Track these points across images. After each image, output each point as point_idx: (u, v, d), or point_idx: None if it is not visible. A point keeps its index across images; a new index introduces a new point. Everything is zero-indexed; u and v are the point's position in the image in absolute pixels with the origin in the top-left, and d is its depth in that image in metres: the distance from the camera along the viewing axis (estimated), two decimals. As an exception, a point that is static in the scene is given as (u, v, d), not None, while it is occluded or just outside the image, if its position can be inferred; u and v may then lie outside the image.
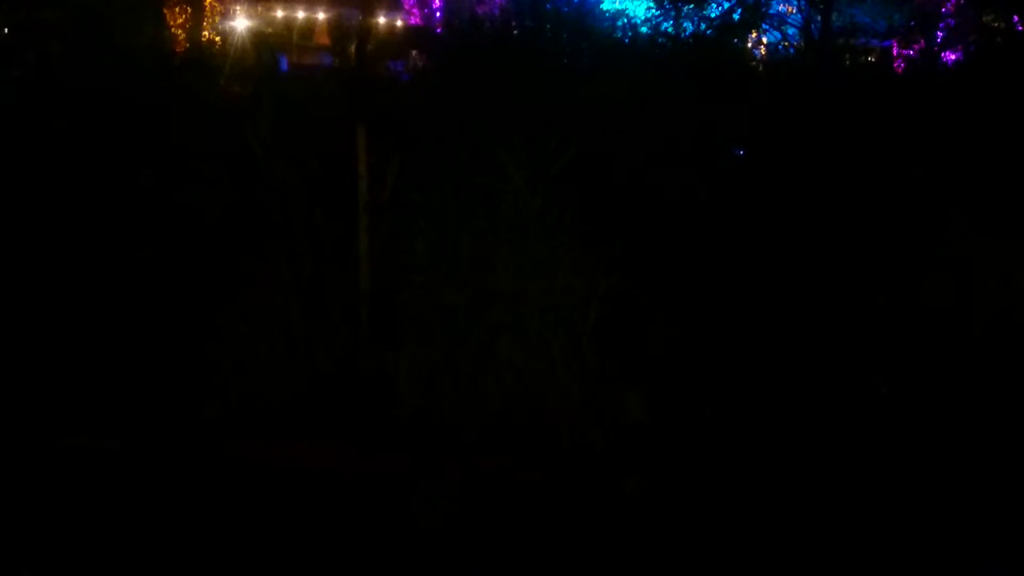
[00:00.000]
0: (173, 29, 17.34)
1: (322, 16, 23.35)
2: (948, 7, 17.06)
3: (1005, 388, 7.32)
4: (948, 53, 16.61)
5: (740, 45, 15.60)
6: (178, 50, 16.53)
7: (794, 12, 17.26)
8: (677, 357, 7.50)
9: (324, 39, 22.41)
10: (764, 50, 17.47)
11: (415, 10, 22.13)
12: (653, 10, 15.34)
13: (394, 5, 22.48)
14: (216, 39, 18.86)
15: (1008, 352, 7.66)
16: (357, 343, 7.30)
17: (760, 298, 8.36)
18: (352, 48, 17.09)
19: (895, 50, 16.91)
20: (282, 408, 7.01)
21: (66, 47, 12.48)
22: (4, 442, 6.66)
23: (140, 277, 8.43)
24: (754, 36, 16.94)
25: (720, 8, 15.27)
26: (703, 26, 14.90)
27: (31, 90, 11.62)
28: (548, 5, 13.86)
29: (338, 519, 5.86)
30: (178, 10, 17.57)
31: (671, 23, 15.07)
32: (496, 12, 15.33)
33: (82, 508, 5.91)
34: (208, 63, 14.85)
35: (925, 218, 8.51)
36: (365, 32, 17.17)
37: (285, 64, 19.24)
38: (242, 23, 20.80)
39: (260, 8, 22.89)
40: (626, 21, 15.22)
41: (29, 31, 13.55)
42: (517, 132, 7.21)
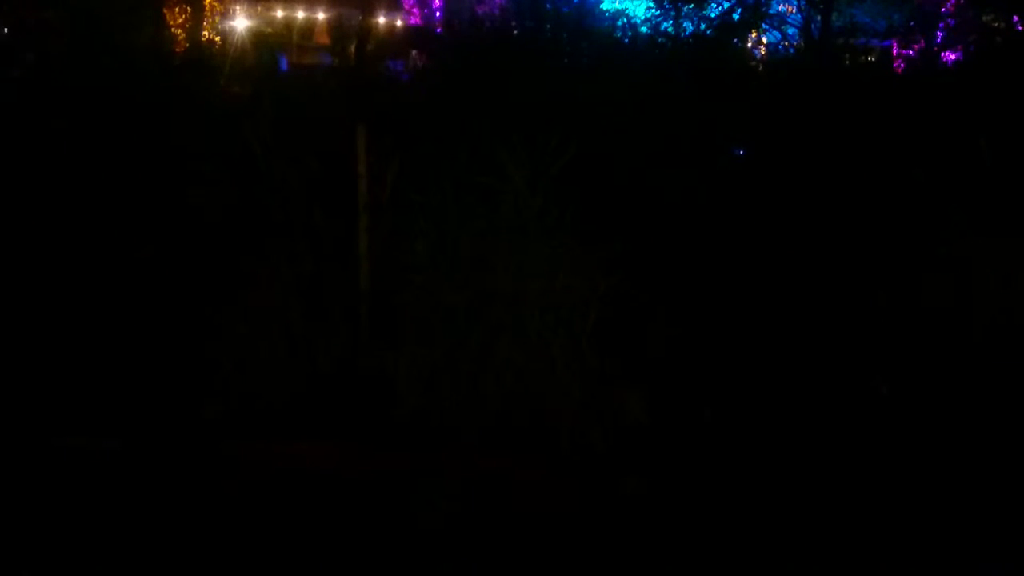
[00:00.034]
0: (173, 29, 17.34)
1: (322, 16, 23.32)
2: (948, 7, 17.07)
3: (1005, 388, 7.32)
4: (948, 53, 16.62)
5: (740, 45, 15.61)
6: (178, 50, 16.53)
7: (794, 12, 17.28)
8: (677, 357, 7.50)
9: (324, 39, 22.38)
10: (764, 50, 17.48)
11: (415, 10, 22.14)
12: (653, 10, 15.35)
13: (394, 5, 22.48)
14: (216, 39, 18.85)
15: (1008, 352, 7.65)
16: (357, 343, 7.30)
17: (760, 298, 8.36)
18: (352, 48, 17.07)
19: (895, 50, 16.92)
20: (282, 408, 7.01)
21: (66, 47, 12.47)
22: (4, 442, 6.66)
23: (140, 277, 8.44)
24: (754, 36, 16.95)
25: (720, 8, 15.28)
26: (703, 26, 14.90)
27: (31, 90, 11.60)
28: (548, 5, 13.86)
29: (338, 519, 5.85)
30: (178, 10, 17.57)
31: (671, 23, 15.08)
32: (496, 12, 15.34)
33: (82, 508, 5.91)
34: (208, 63, 14.82)
35: (925, 218, 8.50)
36: (365, 32, 17.16)
37: (285, 64, 19.23)
38: (242, 23, 20.79)
39: (260, 8, 22.87)
40: (626, 21, 15.23)
41: (29, 31, 13.54)
42: (517, 132, 7.22)
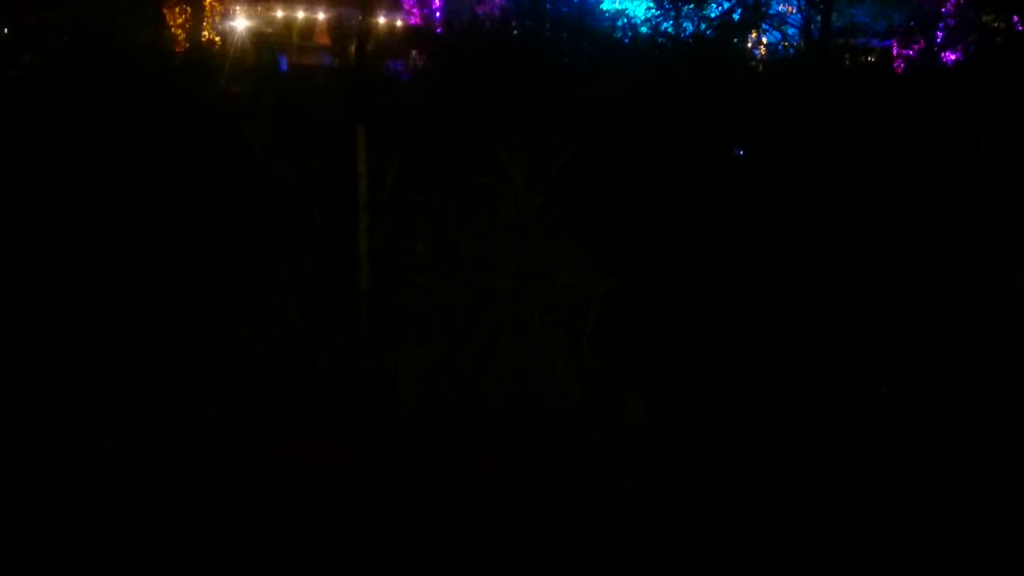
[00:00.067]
0: (173, 29, 17.36)
1: (322, 16, 23.32)
2: (948, 7, 17.07)
3: (1005, 388, 7.32)
4: (948, 53, 16.60)
5: (740, 45, 15.59)
6: (178, 50, 16.55)
7: (794, 12, 17.28)
8: (677, 357, 7.50)
9: (324, 39, 22.40)
10: (764, 50, 17.46)
11: (415, 10, 22.13)
12: (653, 10, 15.33)
13: (394, 5, 22.47)
14: (216, 39, 18.86)
15: (1008, 352, 7.65)
16: (357, 343, 7.30)
17: (760, 298, 8.36)
18: (352, 48, 17.08)
19: (895, 50, 16.91)
20: (282, 408, 7.01)
21: (66, 47, 12.48)
22: (4, 442, 6.66)
23: (140, 277, 8.44)
24: (754, 36, 16.93)
25: (720, 8, 15.25)
26: (703, 26, 14.88)
27: (31, 90, 11.61)
28: (548, 5, 13.82)
29: (338, 519, 5.86)
30: (178, 10, 17.59)
31: (671, 23, 15.06)
32: (496, 12, 15.30)
33: (82, 508, 5.91)
34: (208, 63, 14.84)
35: (925, 218, 8.50)
36: (365, 32, 17.18)
37: (285, 64, 19.23)
38: (242, 23, 20.81)
39: (260, 8, 22.87)
40: (626, 21, 15.20)
41: (29, 31, 13.55)
42: (517, 132, 7.21)
